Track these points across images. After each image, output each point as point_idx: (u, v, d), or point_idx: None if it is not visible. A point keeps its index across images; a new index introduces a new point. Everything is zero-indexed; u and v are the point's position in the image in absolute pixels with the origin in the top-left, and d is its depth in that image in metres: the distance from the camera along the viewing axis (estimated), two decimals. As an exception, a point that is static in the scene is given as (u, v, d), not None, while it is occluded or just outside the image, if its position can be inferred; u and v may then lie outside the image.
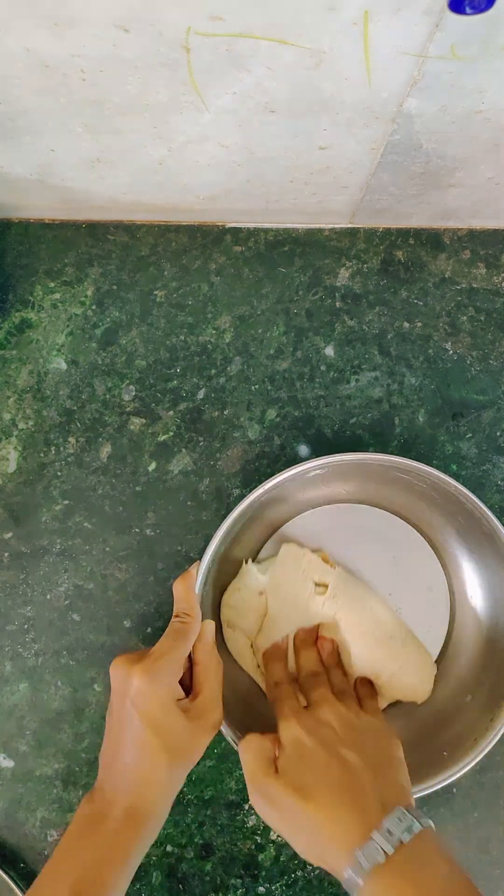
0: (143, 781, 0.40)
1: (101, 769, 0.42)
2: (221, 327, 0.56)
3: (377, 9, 0.31)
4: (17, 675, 0.53)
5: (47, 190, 0.52)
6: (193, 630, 0.44)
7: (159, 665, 0.41)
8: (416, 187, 0.50)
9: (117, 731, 0.41)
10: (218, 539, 0.46)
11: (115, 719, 0.41)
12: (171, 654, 0.42)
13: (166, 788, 0.41)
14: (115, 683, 0.42)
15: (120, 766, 0.40)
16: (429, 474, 0.46)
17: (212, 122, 0.41)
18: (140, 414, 0.55)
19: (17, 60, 0.35)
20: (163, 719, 0.40)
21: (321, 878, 0.51)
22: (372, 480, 0.51)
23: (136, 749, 0.40)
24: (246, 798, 0.52)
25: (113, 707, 0.42)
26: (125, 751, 0.40)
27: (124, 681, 0.41)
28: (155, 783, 0.40)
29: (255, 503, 0.46)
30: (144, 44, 0.33)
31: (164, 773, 0.40)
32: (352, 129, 0.42)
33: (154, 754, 0.40)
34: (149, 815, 0.40)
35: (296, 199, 0.52)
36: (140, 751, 0.40)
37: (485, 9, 0.30)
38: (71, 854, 0.39)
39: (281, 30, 0.32)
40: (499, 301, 0.57)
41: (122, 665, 0.42)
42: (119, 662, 0.42)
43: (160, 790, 0.40)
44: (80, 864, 0.38)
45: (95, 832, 0.39)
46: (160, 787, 0.40)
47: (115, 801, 0.39)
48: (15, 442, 0.55)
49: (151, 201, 0.53)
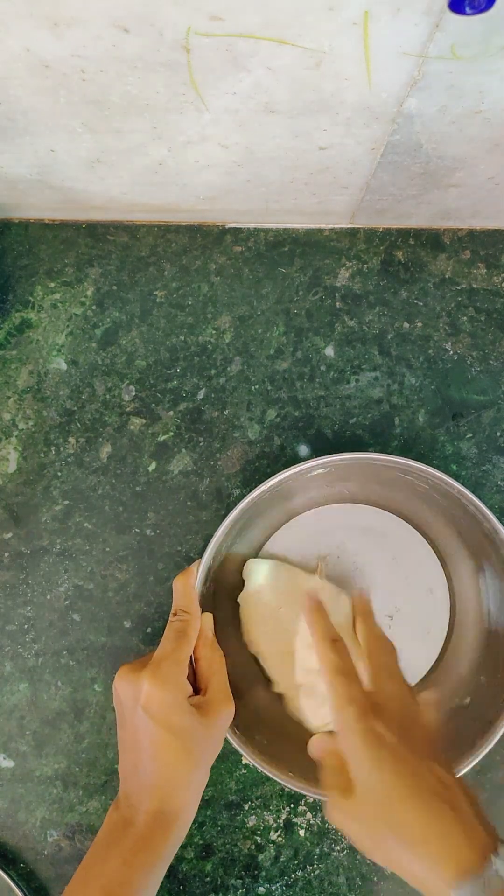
0: (167, 784, 0.40)
1: (123, 781, 0.42)
2: (221, 327, 0.56)
3: (377, 9, 0.31)
4: (17, 675, 0.53)
5: (47, 190, 0.52)
6: (194, 627, 0.44)
7: (166, 667, 0.41)
8: (416, 187, 0.50)
9: (132, 740, 0.41)
10: (219, 536, 0.46)
11: (128, 730, 0.41)
12: (176, 654, 0.42)
13: (191, 788, 0.41)
14: (122, 694, 0.41)
15: (142, 775, 0.40)
16: (430, 475, 0.46)
17: (212, 123, 0.41)
18: (140, 414, 0.55)
19: (18, 60, 0.35)
20: (178, 719, 0.40)
21: (321, 878, 0.51)
22: (373, 481, 0.51)
23: (155, 754, 0.40)
24: (246, 798, 0.52)
25: (124, 718, 0.42)
26: (144, 757, 0.40)
27: (133, 689, 0.41)
28: (179, 784, 0.40)
29: (257, 500, 0.46)
30: (144, 44, 0.33)
31: (187, 772, 0.40)
32: (352, 129, 0.42)
33: (174, 755, 0.40)
34: (176, 817, 0.40)
35: (296, 200, 0.52)
36: (160, 754, 0.40)
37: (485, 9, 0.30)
38: (100, 860, 0.39)
39: (281, 30, 0.32)
40: (499, 301, 0.57)
41: (127, 674, 0.41)
42: (124, 673, 0.42)
43: (185, 790, 0.40)
44: (110, 869, 0.38)
45: (123, 837, 0.39)
46: (184, 788, 0.40)
47: (140, 807, 0.39)
48: (15, 442, 0.55)
49: (151, 201, 0.53)
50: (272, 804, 0.52)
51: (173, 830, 0.40)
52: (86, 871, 0.39)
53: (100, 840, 0.40)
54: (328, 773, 0.38)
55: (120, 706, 0.42)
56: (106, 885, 0.37)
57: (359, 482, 0.51)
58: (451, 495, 0.47)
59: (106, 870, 0.38)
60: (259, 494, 0.46)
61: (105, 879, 0.38)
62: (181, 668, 0.42)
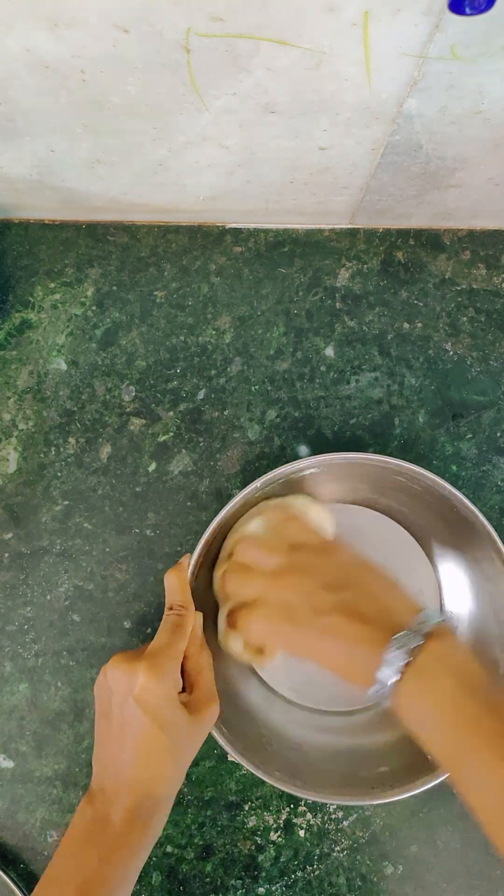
0: (150, 779, 0.39)
1: (98, 771, 0.41)
2: (221, 328, 0.56)
3: (377, 9, 0.31)
4: (17, 675, 0.53)
5: (47, 190, 0.52)
6: (189, 622, 0.44)
7: (162, 660, 0.41)
8: (416, 188, 0.50)
9: (118, 731, 0.40)
10: (210, 531, 0.46)
11: (113, 720, 0.41)
12: (171, 648, 0.42)
13: (171, 784, 0.41)
14: (113, 683, 0.41)
15: (121, 766, 0.40)
16: (424, 477, 0.46)
17: (212, 123, 0.41)
18: (140, 414, 0.55)
19: (18, 61, 0.35)
20: (168, 714, 0.40)
21: (321, 878, 0.51)
22: (365, 481, 0.51)
23: (140, 747, 0.39)
24: (246, 799, 0.52)
25: (110, 707, 0.41)
26: (126, 749, 0.40)
27: (128, 679, 0.40)
28: (160, 780, 0.40)
29: (249, 497, 0.46)
30: (144, 44, 0.33)
31: (170, 769, 0.40)
32: (352, 129, 0.42)
33: (160, 750, 0.40)
34: (153, 813, 0.39)
35: (296, 200, 0.52)
36: (145, 748, 0.39)
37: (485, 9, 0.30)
38: (75, 857, 0.38)
39: (281, 30, 0.32)
40: (499, 302, 0.57)
41: (122, 663, 0.41)
42: (118, 662, 0.41)
43: (165, 787, 0.40)
44: (86, 867, 0.37)
45: (99, 834, 0.38)
46: (165, 784, 0.40)
47: (117, 802, 0.39)
48: (15, 442, 0.55)
49: (151, 202, 0.53)
50: (272, 805, 0.52)
51: (151, 827, 0.39)
52: (59, 869, 0.38)
53: (73, 836, 0.39)
54: None
55: (107, 694, 0.41)
56: (82, 885, 0.37)
57: (352, 483, 0.51)
58: (445, 498, 0.47)
59: (82, 868, 0.37)
60: (251, 491, 0.46)
61: (81, 878, 0.37)
62: (176, 662, 0.42)
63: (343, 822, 0.52)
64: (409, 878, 0.51)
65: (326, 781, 0.47)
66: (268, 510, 0.48)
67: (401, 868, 0.52)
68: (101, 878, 0.37)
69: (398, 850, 0.52)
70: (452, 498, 0.46)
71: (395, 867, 0.52)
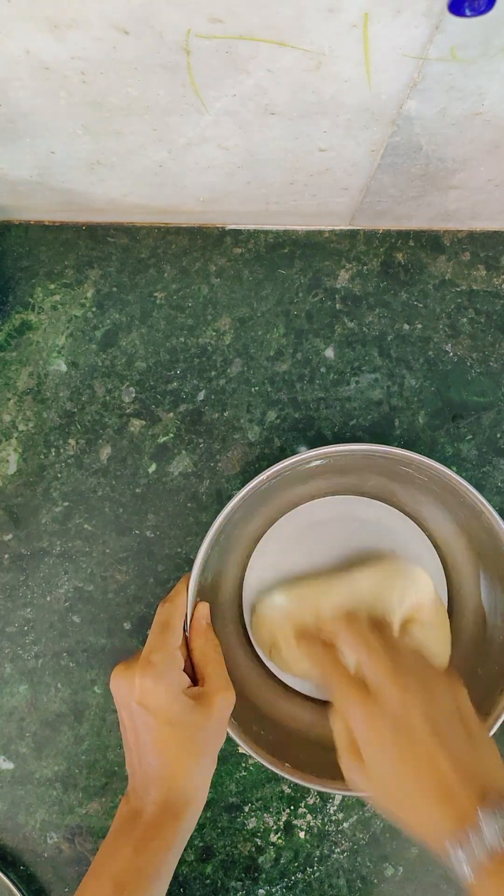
0: (172, 775, 0.40)
1: (131, 776, 0.42)
2: (221, 329, 0.56)
3: (377, 11, 0.31)
4: (17, 677, 0.53)
5: (47, 192, 0.52)
6: (177, 617, 0.44)
7: (156, 660, 0.41)
8: (416, 189, 0.50)
9: (134, 737, 0.41)
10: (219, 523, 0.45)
11: (128, 728, 0.42)
12: (162, 647, 0.42)
13: (196, 776, 0.41)
14: (118, 694, 0.42)
15: (146, 768, 0.41)
16: (430, 467, 0.47)
17: (212, 124, 0.41)
18: (140, 416, 0.55)
19: (18, 62, 0.35)
20: (175, 711, 0.40)
21: (321, 880, 0.51)
22: (372, 473, 0.51)
23: (156, 747, 0.40)
24: (246, 800, 0.52)
25: (123, 716, 0.42)
26: (147, 752, 0.40)
27: (128, 686, 0.41)
28: (184, 774, 0.40)
29: (255, 490, 0.46)
30: (144, 46, 0.33)
31: (189, 762, 0.41)
32: (351, 131, 0.42)
33: (176, 746, 0.40)
34: (185, 805, 0.40)
35: (296, 201, 0.52)
36: (161, 747, 0.40)
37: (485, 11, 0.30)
38: (112, 850, 0.40)
39: (281, 32, 0.32)
40: (499, 303, 0.57)
41: (121, 673, 0.42)
42: (118, 672, 0.42)
43: (191, 779, 0.41)
44: (121, 859, 0.39)
45: (133, 827, 0.39)
46: (190, 776, 0.41)
47: (148, 798, 0.40)
48: (15, 444, 0.55)
49: (151, 203, 0.54)
50: (272, 806, 0.52)
51: (183, 818, 0.40)
52: (98, 864, 0.40)
53: (111, 833, 0.41)
54: (342, 741, 0.40)
55: (119, 706, 0.42)
56: (117, 875, 0.38)
57: (358, 474, 0.51)
58: (452, 488, 0.47)
59: (117, 860, 0.39)
60: (258, 484, 0.46)
61: (116, 869, 0.38)
62: (172, 658, 0.42)
63: (343, 824, 0.52)
64: (410, 880, 0.51)
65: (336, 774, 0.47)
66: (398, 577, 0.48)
67: (401, 870, 0.52)
68: (136, 868, 0.38)
69: (399, 852, 0.52)
70: (459, 487, 0.47)
71: (395, 869, 0.52)
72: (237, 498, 0.46)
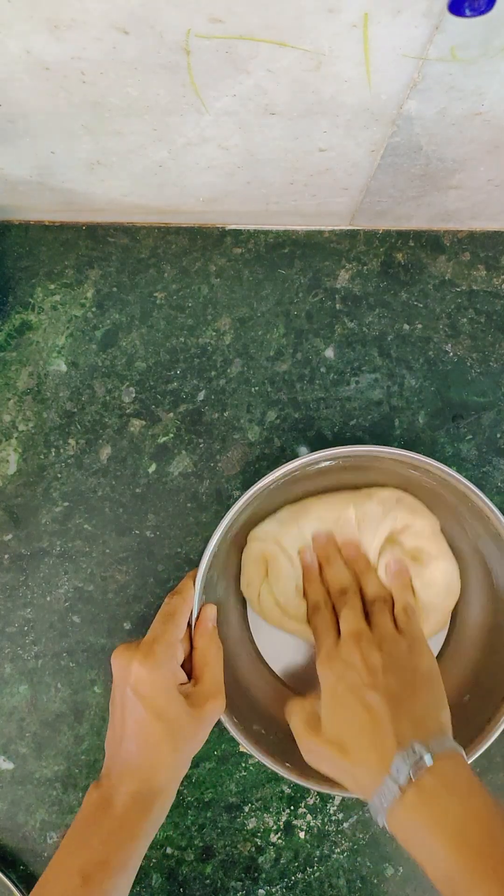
0: (148, 766, 0.40)
1: (107, 757, 0.42)
2: (221, 329, 0.56)
3: (377, 11, 0.31)
4: (17, 677, 0.53)
5: (47, 192, 0.52)
6: (182, 611, 0.44)
7: (155, 650, 0.42)
8: (416, 189, 0.50)
9: (120, 718, 0.41)
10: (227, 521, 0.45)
11: (117, 707, 0.42)
12: (164, 637, 0.42)
13: (171, 772, 0.41)
14: (116, 672, 0.42)
15: (124, 753, 0.41)
16: (438, 469, 0.46)
17: (212, 124, 0.41)
18: (140, 416, 0.55)
19: (18, 62, 0.35)
20: (164, 704, 0.41)
21: (321, 880, 0.51)
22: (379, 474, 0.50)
23: (139, 735, 0.40)
24: (246, 800, 0.52)
25: (115, 696, 0.42)
26: (129, 737, 0.41)
27: (125, 668, 0.41)
28: (159, 767, 0.41)
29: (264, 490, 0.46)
30: (144, 46, 0.33)
31: (168, 757, 0.41)
32: (351, 131, 0.42)
33: (157, 739, 0.40)
34: (154, 799, 0.40)
35: (296, 201, 0.52)
36: (143, 736, 0.40)
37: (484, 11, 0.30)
38: (79, 839, 0.40)
39: (281, 32, 0.32)
40: (499, 303, 0.57)
41: (122, 654, 0.42)
42: (119, 651, 0.42)
43: (165, 774, 0.41)
44: (88, 848, 0.38)
45: (103, 817, 0.39)
46: (165, 771, 0.41)
47: (121, 787, 0.40)
48: (15, 444, 0.55)
49: (151, 203, 0.54)
50: (272, 806, 0.52)
51: (152, 811, 0.40)
52: (65, 853, 0.40)
53: (79, 819, 0.40)
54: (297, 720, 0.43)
55: (114, 683, 0.43)
56: (83, 866, 0.38)
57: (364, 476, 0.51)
58: (459, 492, 0.47)
59: (84, 851, 0.39)
60: (267, 484, 0.46)
61: (82, 860, 0.38)
62: (171, 650, 0.42)
63: (343, 824, 0.52)
64: (410, 880, 0.51)
65: None
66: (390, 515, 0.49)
67: (401, 870, 0.52)
68: (102, 859, 0.38)
69: (398, 852, 0.52)
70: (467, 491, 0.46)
71: (395, 869, 0.52)
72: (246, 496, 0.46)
